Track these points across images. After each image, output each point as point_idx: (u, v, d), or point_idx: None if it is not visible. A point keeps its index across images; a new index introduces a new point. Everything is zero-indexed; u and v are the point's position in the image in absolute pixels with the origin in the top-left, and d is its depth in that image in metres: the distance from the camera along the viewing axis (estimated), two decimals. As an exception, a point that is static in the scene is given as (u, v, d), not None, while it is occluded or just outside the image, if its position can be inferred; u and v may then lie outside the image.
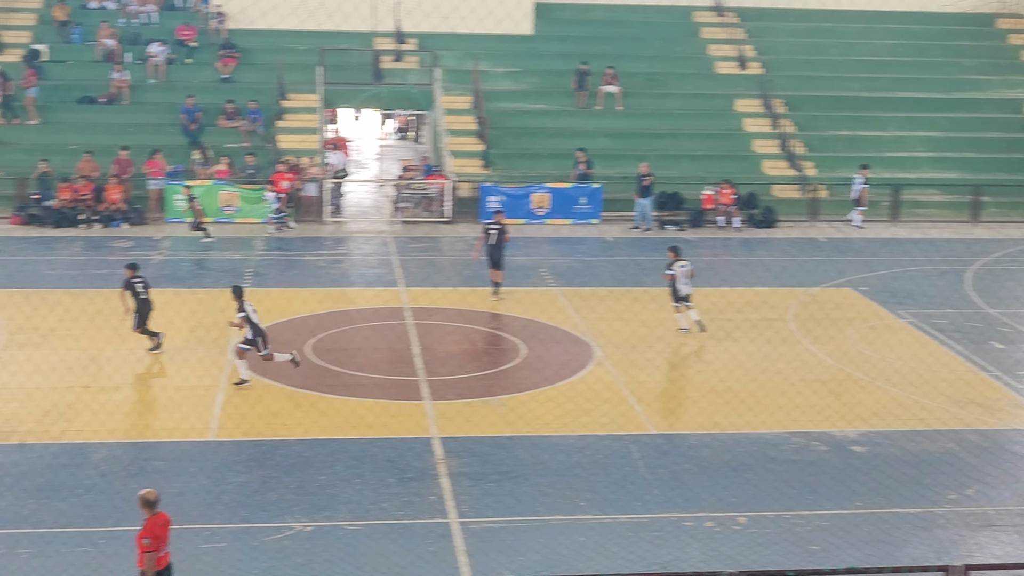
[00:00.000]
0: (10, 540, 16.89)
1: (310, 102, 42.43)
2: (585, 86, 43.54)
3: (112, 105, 41.75)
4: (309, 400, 22.31)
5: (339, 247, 35.18)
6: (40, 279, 29.53)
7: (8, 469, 19.11)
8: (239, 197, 37.48)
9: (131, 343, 24.82)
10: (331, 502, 18.34)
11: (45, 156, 38.00)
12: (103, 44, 43.51)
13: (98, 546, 16.78)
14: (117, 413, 21.29)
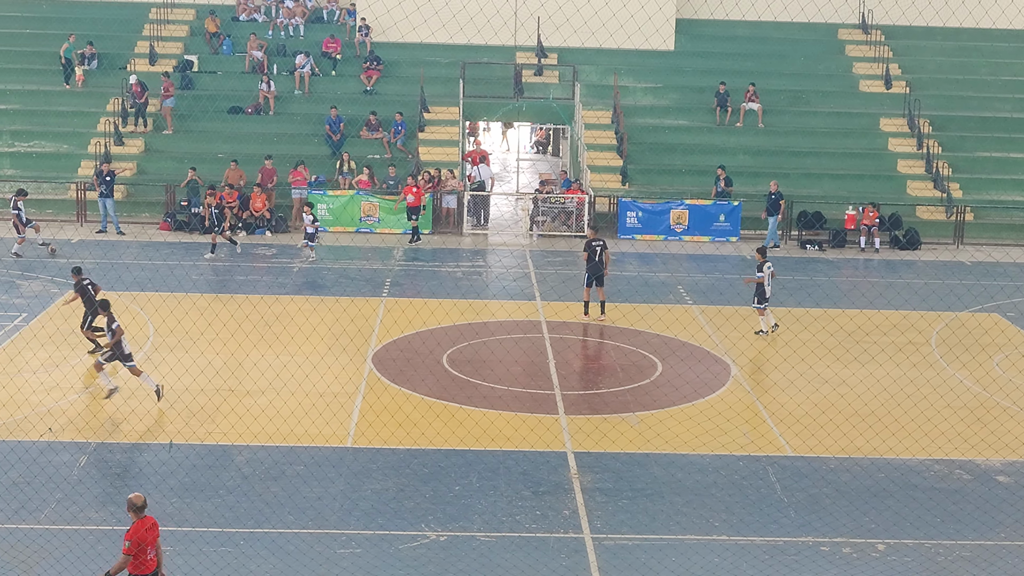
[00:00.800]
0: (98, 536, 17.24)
1: (451, 115, 42.81)
2: (726, 103, 43.20)
3: (258, 115, 42.65)
4: (446, 410, 22.44)
5: (476, 259, 35.38)
6: (186, 283, 30.24)
7: (156, 468, 19.60)
8: (379, 208, 37.95)
9: (275, 348, 25.27)
10: (465, 512, 18.41)
11: (193, 164, 38.94)
12: (252, 56, 44.49)
13: (239, 547, 17.07)
14: (259, 417, 21.67)
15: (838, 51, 47.66)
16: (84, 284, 25.40)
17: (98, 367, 22.61)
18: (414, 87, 43.22)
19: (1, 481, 18.90)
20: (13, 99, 43.09)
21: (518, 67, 43.98)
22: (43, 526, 17.56)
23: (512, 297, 30.42)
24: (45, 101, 43.28)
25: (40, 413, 21.76)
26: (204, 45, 45.96)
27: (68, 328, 26.38)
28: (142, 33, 46.30)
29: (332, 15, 47.93)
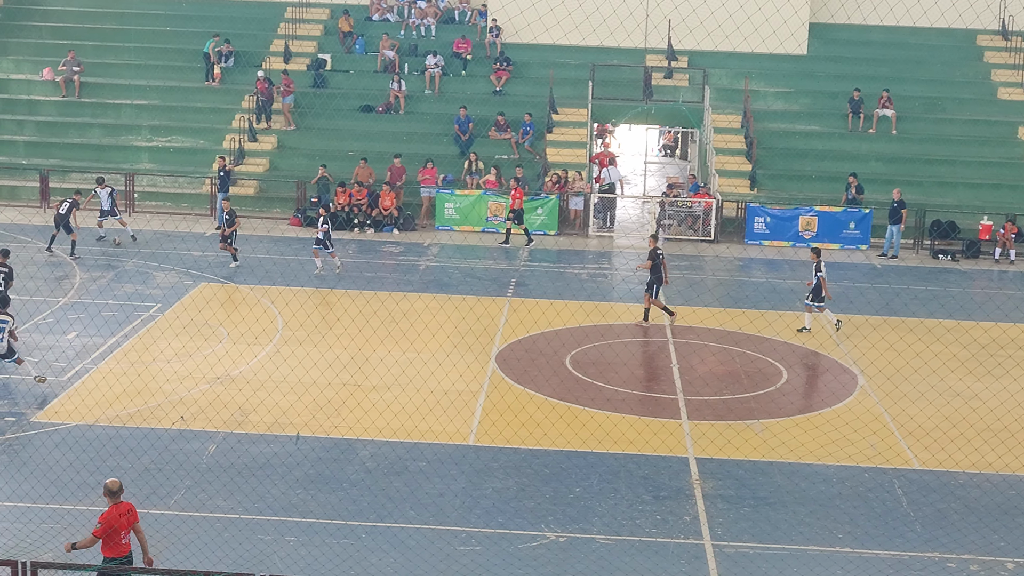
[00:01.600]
0: (280, 527, 17.62)
1: (579, 116, 42.82)
2: (859, 109, 42.52)
3: (389, 114, 43.13)
4: (568, 411, 22.46)
5: (602, 261, 35.33)
6: (313, 279, 30.69)
7: (283, 459, 19.96)
8: (505, 208, 38.10)
9: (401, 345, 25.53)
10: (585, 514, 18.41)
11: (324, 161, 39.53)
12: (383, 55, 45.00)
13: (360, 540, 17.30)
14: (384, 412, 21.91)
15: (976, 57, 46.57)
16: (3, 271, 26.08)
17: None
18: (543, 88, 43.32)
19: (134, 466, 19.42)
20: (153, 95, 44.18)
21: (648, 69, 43.80)
22: (173, 512, 18.00)
23: (637, 300, 30.28)
24: (183, 97, 44.30)
25: (173, 402, 22.31)
26: (337, 44, 46.61)
27: (201, 319, 26.97)
28: (277, 32, 47.12)
29: (463, 16, 48.25)
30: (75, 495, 18.34)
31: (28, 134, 42.85)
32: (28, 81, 45.05)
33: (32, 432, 20.73)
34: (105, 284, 30.16)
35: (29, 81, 45.02)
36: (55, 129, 43.08)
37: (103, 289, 29.70)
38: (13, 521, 17.54)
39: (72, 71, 44.06)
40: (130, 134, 42.75)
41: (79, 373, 23.72)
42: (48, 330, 26.19)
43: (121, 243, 34.23)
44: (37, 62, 45.47)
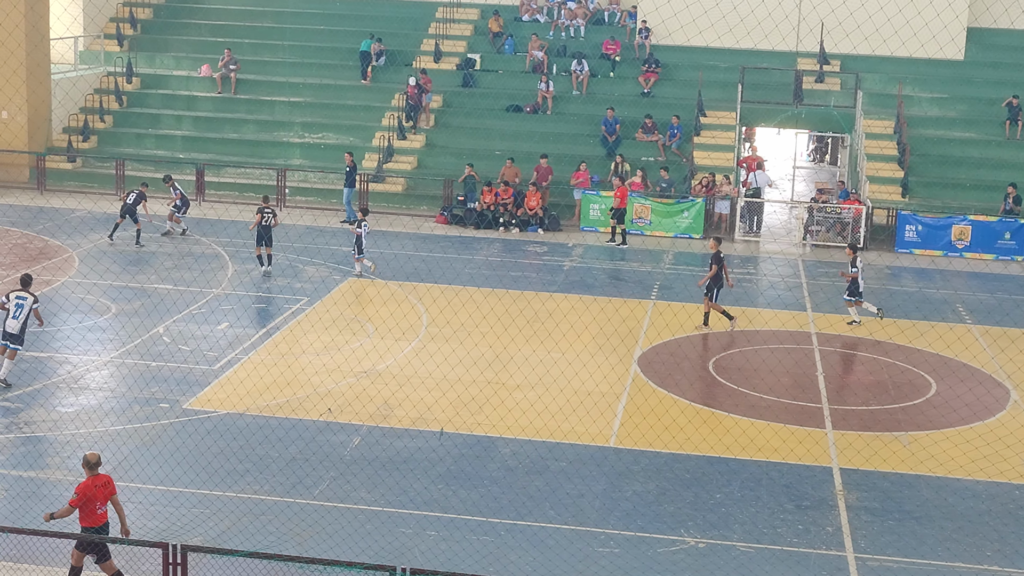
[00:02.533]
0: (421, 521, 17.83)
1: (728, 119, 42.44)
2: (1017, 116, 41.34)
3: (536, 114, 43.30)
4: (712, 417, 22.31)
5: (747, 266, 34.98)
6: (458, 276, 30.98)
7: (426, 454, 20.20)
8: (651, 210, 37.98)
9: (546, 345, 25.63)
10: (726, 521, 18.27)
11: (471, 160, 39.86)
12: (532, 55, 45.19)
13: (500, 537, 17.41)
14: (527, 411, 22.01)
15: None
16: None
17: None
18: (691, 91, 43.04)
19: (282, 456, 19.85)
20: (306, 92, 45.06)
21: (799, 73, 43.22)
22: (317, 502, 18.33)
23: (783, 307, 29.94)
24: (335, 95, 45.08)
25: (321, 394, 22.72)
26: (487, 44, 46.97)
27: (351, 313, 27.42)
28: (428, 31, 47.66)
29: (613, 17, 48.21)
30: (224, 482, 18.82)
31: (186, 129, 44.08)
32: (187, 77, 46.34)
33: (185, 419, 21.32)
34: (257, 276, 30.84)
35: (188, 77, 46.33)
36: (211, 124, 44.23)
37: (256, 281, 30.38)
38: (165, 505, 18.06)
39: (229, 68, 45.20)
40: (283, 130, 43.68)
41: (230, 363, 24.32)
42: (203, 320, 26.89)
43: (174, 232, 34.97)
44: (196, 59, 46.77)
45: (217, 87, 45.29)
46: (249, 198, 39.78)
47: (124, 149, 43.03)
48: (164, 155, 42.63)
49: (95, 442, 20.09)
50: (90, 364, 24.10)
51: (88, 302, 28.24)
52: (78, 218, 35.33)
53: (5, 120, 41.52)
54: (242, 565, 15.23)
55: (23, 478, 18.82)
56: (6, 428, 20.73)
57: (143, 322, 26.52)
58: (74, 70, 45.99)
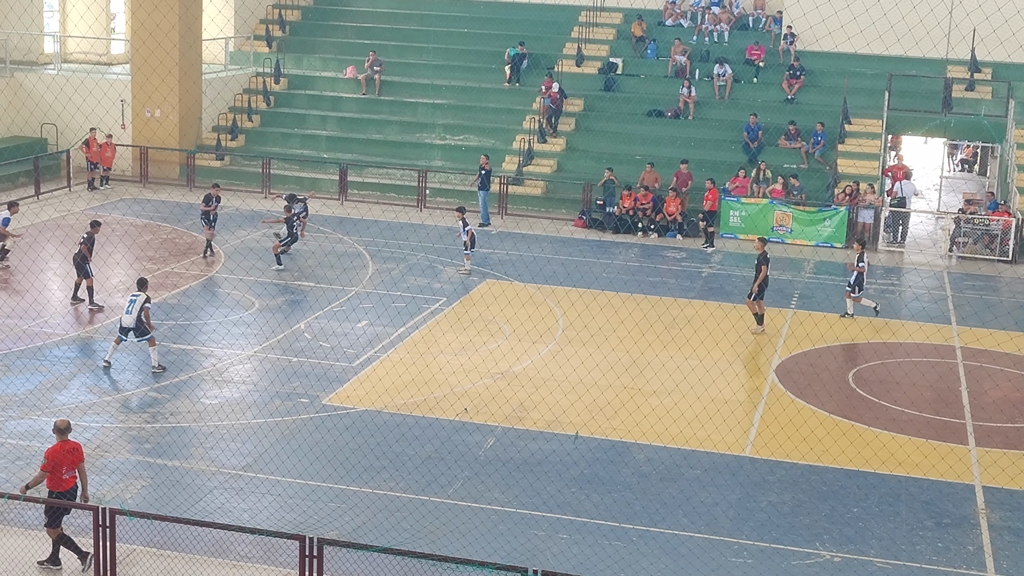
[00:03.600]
0: (553, 524, 17.87)
1: (874, 127, 41.68)
2: None
3: (677, 119, 43.07)
4: (852, 429, 21.93)
5: (891, 277, 34.29)
6: (595, 280, 30.93)
7: (559, 457, 20.24)
8: (791, 218, 37.49)
9: (683, 351, 25.48)
10: (862, 535, 17.96)
11: (611, 164, 39.79)
12: (675, 60, 44.96)
13: (632, 543, 17.36)
14: (663, 418, 21.90)
15: None
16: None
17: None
18: (836, 97, 42.36)
19: (418, 453, 20.08)
20: (448, 94, 45.48)
21: (948, 81, 42.23)
22: (451, 501, 18.49)
23: (927, 319, 29.29)
24: (477, 97, 45.42)
25: (458, 394, 22.91)
26: (629, 48, 46.85)
27: (490, 315, 27.60)
28: (571, 35, 47.72)
29: (758, 22, 47.71)
30: (361, 477, 19.10)
31: (330, 129, 44.83)
32: (333, 79, 47.13)
33: (323, 414, 21.67)
34: (397, 276, 31.23)
35: (334, 79, 47.11)
36: (355, 125, 44.90)
37: (396, 280, 30.75)
38: (303, 498, 18.40)
39: (374, 70, 45.85)
40: (425, 132, 44.15)
41: (368, 360, 24.66)
42: (343, 317, 27.32)
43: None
44: (342, 61, 47.54)
45: (362, 88, 45.98)
46: (391, 198, 40.34)
47: (270, 148, 43.95)
48: (309, 155, 43.42)
49: (237, 434, 20.57)
50: (233, 358, 24.66)
51: (233, 297, 28.90)
52: (225, 215, 36.14)
53: (158, 119, 42.70)
54: (376, 560, 15.46)
55: (167, 467, 19.34)
56: (152, 418, 21.33)
57: (285, 318, 27.04)
58: (224, 71, 47.13)
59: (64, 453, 16.05)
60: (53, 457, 15.96)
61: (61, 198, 38.86)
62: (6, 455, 19.48)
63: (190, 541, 16.42)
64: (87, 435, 20.37)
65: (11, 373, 23.22)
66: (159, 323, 26.53)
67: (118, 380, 23.06)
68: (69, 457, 16.08)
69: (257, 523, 17.10)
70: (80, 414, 21.33)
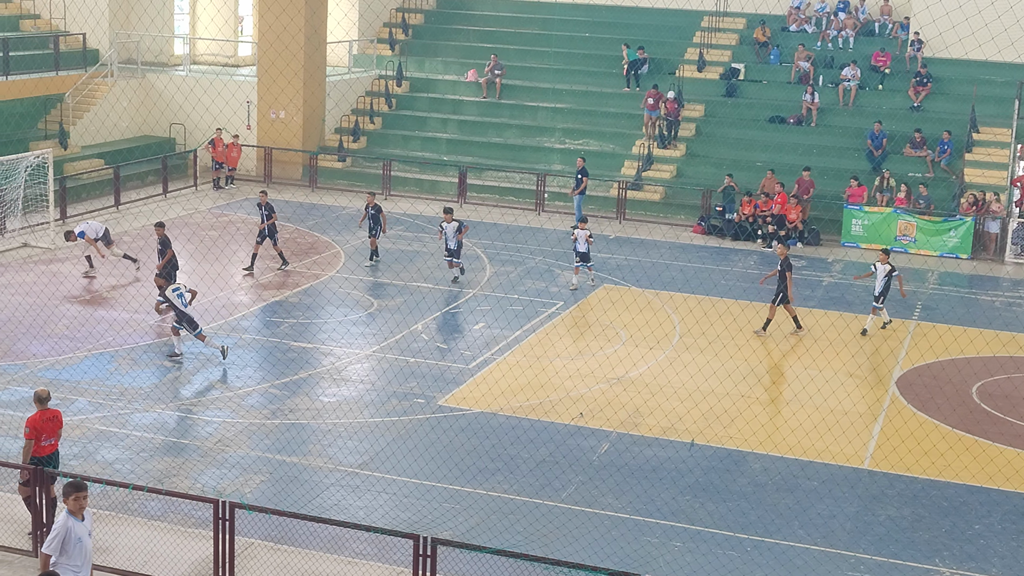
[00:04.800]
0: (666, 531, 17.77)
1: (1003, 136, 40.71)
2: None
3: (800, 126, 42.54)
4: (975, 444, 21.43)
5: (1018, 289, 33.44)
6: (713, 287, 30.69)
7: (675, 464, 20.11)
8: (915, 227, 36.81)
9: (802, 361, 25.17)
10: (984, 553, 17.55)
11: (731, 171, 39.45)
12: (798, 66, 44.44)
13: (746, 553, 17.17)
14: (780, 427, 21.64)
15: None
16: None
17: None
18: (964, 105, 41.49)
19: (532, 457, 20.10)
20: (568, 98, 45.50)
21: (1082, 89, 41.12)
22: (564, 505, 18.48)
23: (1055, 333, 28.55)
24: (597, 102, 45.39)
25: (573, 398, 22.90)
26: (751, 54, 46.42)
27: (606, 320, 27.54)
28: (692, 40, 47.44)
29: (884, 28, 46.92)
30: (476, 479, 19.18)
31: (450, 132, 45.15)
32: (454, 82, 47.47)
33: (439, 415, 21.82)
34: (514, 279, 31.32)
35: (455, 82, 47.44)
36: (475, 128, 45.17)
37: (513, 283, 30.85)
38: (418, 498, 18.54)
39: (495, 74, 46.08)
40: (544, 136, 44.23)
41: (484, 363, 24.77)
42: (460, 319, 27.49)
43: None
44: (463, 64, 47.86)
45: (482, 92, 46.23)
46: (509, 202, 40.50)
47: (391, 150, 44.40)
48: (429, 157, 43.78)
49: (354, 432, 20.80)
50: (351, 357, 24.95)
51: (353, 297, 29.25)
52: (346, 215, 36.62)
53: (282, 120, 43.40)
54: (488, 562, 15.51)
55: (286, 463, 19.63)
56: (272, 414, 21.67)
57: (403, 319, 27.28)
58: (348, 73, 47.75)
59: (44, 421, 16.70)
60: (34, 425, 16.59)
61: (187, 197, 39.70)
62: (132, 447, 19.95)
63: (306, 536, 16.65)
64: (208, 429, 20.81)
65: (138, 367, 23.80)
66: (280, 321, 27.02)
67: (239, 376, 23.47)
68: (49, 425, 16.74)
69: (372, 521, 17.28)
70: (202, 409, 21.79)
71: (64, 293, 27.69)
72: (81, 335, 25.39)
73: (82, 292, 28.45)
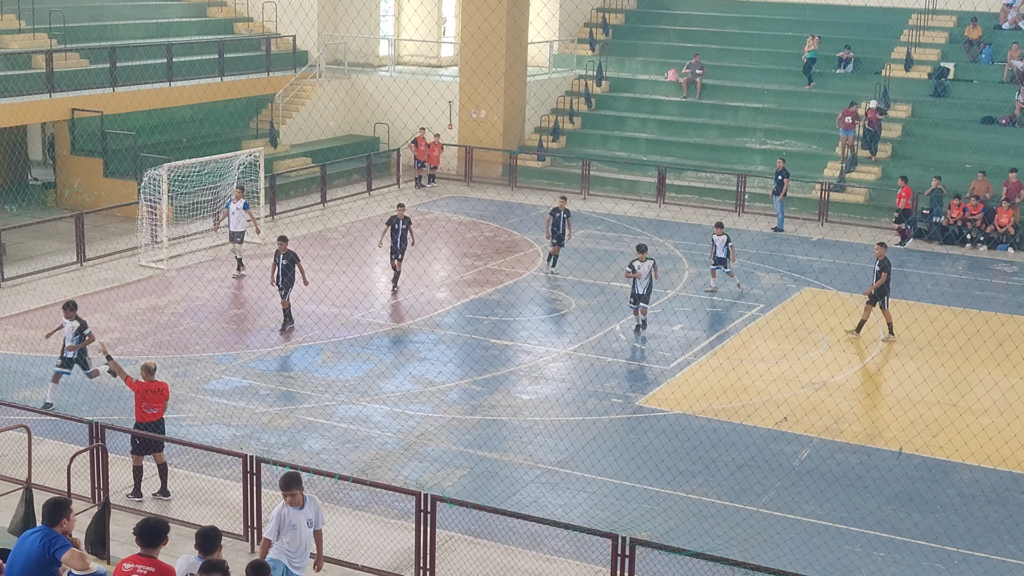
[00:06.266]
0: (870, 540, 17.37)
1: None
2: None
3: (1012, 127, 41.06)
4: None
5: None
6: (921, 292, 29.81)
7: (880, 472, 19.64)
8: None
9: (1003, 368, 24.30)
10: None
11: (939, 173, 38.29)
12: (1011, 65, 42.88)
13: (953, 566, 16.67)
14: (992, 437, 20.89)
15: None
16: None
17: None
18: None
19: (732, 460, 19.90)
20: (770, 98, 44.87)
21: None
22: (763, 510, 18.23)
23: None
24: (799, 102, 44.63)
25: (778, 401, 22.55)
26: (962, 53, 44.98)
27: (811, 324, 27.05)
28: (899, 39, 46.22)
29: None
30: (675, 481, 19.08)
31: (650, 132, 45.01)
32: (653, 81, 47.30)
33: (637, 416, 21.77)
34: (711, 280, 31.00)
35: (654, 81, 47.27)
36: (674, 128, 44.91)
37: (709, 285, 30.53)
38: (617, 498, 18.53)
39: (695, 73, 45.74)
40: (745, 136, 43.71)
41: (682, 364, 24.61)
42: (658, 320, 27.34)
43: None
44: (663, 64, 47.65)
45: (683, 91, 45.95)
46: (708, 202, 40.13)
47: (590, 150, 44.48)
48: (628, 157, 43.71)
49: (553, 431, 20.92)
50: (550, 355, 25.09)
51: (552, 295, 29.41)
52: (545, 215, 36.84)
53: (483, 119, 43.92)
54: (686, 564, 15.39)
55: (485, 458, 19.86)
56: (472, 410, 21.96)
57: (603, 318, 27.29)
58: (548, 73, 48.03)
59: (147, 392, 17.68)
60: (138, 388, 17.70)
61: (390, 195, 40.50)
62: (336, 438, 20.47)
63: (504, 532, 16.80)
64: (410, 423, 21.19)
65: (343, 360, 24.40)
66: (482, 319, 27.32)
67: (441, 372, 23.83)
68: (153, 396, 17.70)
69: (570, 519, 17.33)
70: (405, 403, 22.20)
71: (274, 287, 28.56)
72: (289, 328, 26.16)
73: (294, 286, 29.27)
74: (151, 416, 17.81)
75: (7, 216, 33.31)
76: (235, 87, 42.02)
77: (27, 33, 38.35)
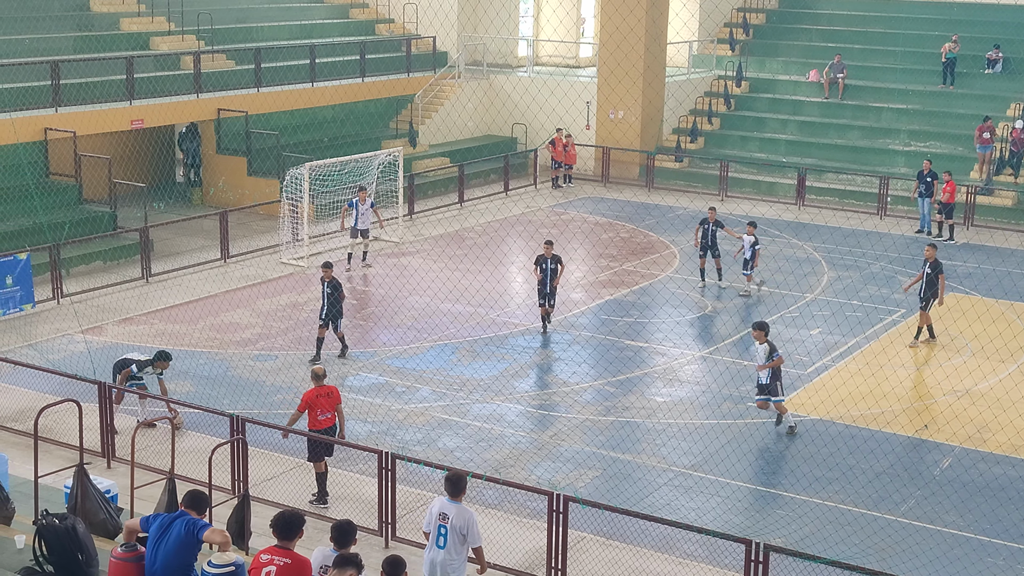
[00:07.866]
0: (1014, 553, 16.92)
1: None
2: None
3: None
4: None
5: None
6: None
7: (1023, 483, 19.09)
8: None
9: None
10: None
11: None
12: None
13: (1104, 583, 16.12)
14: None
15: None
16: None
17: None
18: None
19: (871, 468, 19.50)
20: (915, 99, 43.89)
21: None
22: (903, 520, 17.84)
23: None
24: (946, 102, 43.61)
25: (918, 409, 22.06)
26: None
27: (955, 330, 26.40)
28: (1054, 38, 44.91)
29: None
30: (811, 487, 18.78)
31: (790, 133, 44.39)
32: (794, 82, 46.65)
33: (773, 420, 21.41)
34: (851, 284, 30.47)
35: (795, 82, 46.62)
36: (815, 129, 44.22)
37: (852, 289, 29.99)
38: (751, 503, 18.33)
39: (837, 74, 44.98)
40: (888, 137, 42.84)
41: (821, 369, 24.21)
42: (801, 324, 26.93)
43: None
44: (804, 64, 46.98)
45: (824, 92, 45.23)
46: (849, 205, 39.42)
47: (728, 151, 44.04)
48: (768, 158, 43.17)
49: (687, 433, 20.75)
50: (684, 357, 24.90)
51: (688, 297, 29.17)
52: (682, 216, 36.58)
53: (621, 120, 43.77)
54: (822, 572, 15.11)
55: (618, 460, 19.78)
56: (606, 411, 21.89)
57: (739, 321, 27.00)
58: (686, 73, 47.69)
59: (318, 397, 17.62)
60: (307, 400, 17.61)
61: (527, 195, 40.61)
62: (471, 436, 20.58)
63: (636, 534, 16.71)
64: (543, 423, 21.21)
65: (478, 359, 24.53)
66: (618, 320, 27.22)
67: (575, 372, 23.80)
68: (324, 400, 17.69)
69: (703, 523, 17.15)
70: (538, 403, 22.24)
71: (411, 286, 28.83)
72: (426, 326, 26.41)
73: (430, 285, 29.56)
74: (324, 423, 17.82)
75: (155, 213, 34.21)
76: (376, 88, 42.57)
77: (176, 35, 39.38)
